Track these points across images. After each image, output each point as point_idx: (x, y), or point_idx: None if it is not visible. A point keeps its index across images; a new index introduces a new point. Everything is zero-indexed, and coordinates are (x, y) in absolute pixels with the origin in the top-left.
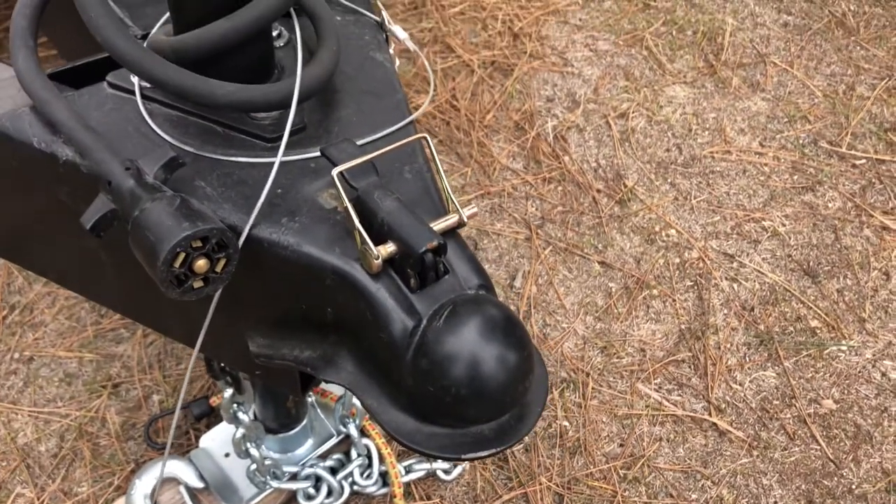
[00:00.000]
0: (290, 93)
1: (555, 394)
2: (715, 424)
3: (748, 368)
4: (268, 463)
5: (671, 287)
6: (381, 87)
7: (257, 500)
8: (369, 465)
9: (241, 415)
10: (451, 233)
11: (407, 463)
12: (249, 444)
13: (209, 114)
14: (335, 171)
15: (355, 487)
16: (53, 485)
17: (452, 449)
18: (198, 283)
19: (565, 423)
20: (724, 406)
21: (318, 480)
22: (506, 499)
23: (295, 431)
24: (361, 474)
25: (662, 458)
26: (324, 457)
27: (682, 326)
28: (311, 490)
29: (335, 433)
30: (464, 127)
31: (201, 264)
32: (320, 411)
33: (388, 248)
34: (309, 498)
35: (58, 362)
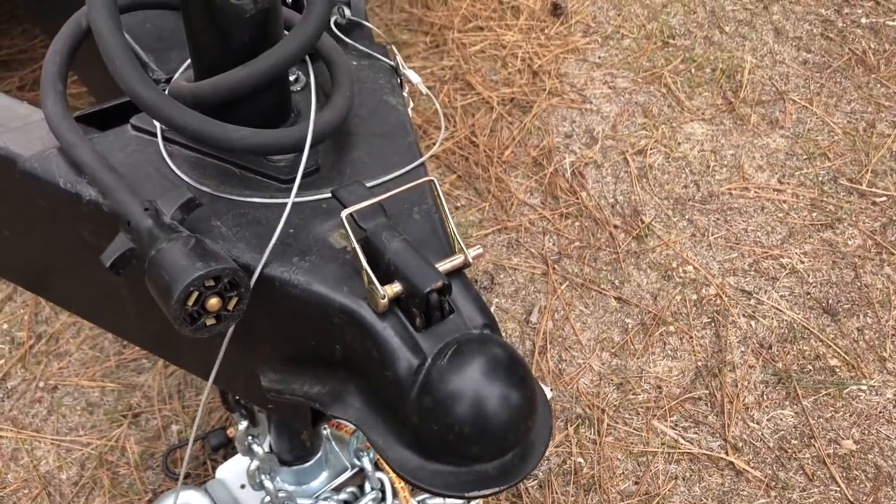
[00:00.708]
0: (303, 137)
1: (570, 430)
2: (732, 463)
3: (766, 407)
4: (282, 495)
5: (688, 324)
6: (394, 129)
7: None
8: (383, 498)
9: (255, 447)
10: (456, 273)
11: (420, 497)
12: (264, 477)
13: (226, 156)
14: (344, 213)
15: None
16: None
17: (457, 487)
18: (210, 321)
19: (580, 460)
20: (741, 445)
21: None
22: None
23: (310, 464)
24: None
25: (678, 498)
26: (338, 490)
27: (699, 363)
28: None
29: (349, 466)
30: (482, 163)
31: (214, 303)
32: (335, 444)
33: (395, 288)
34: None
35: (81, 391)
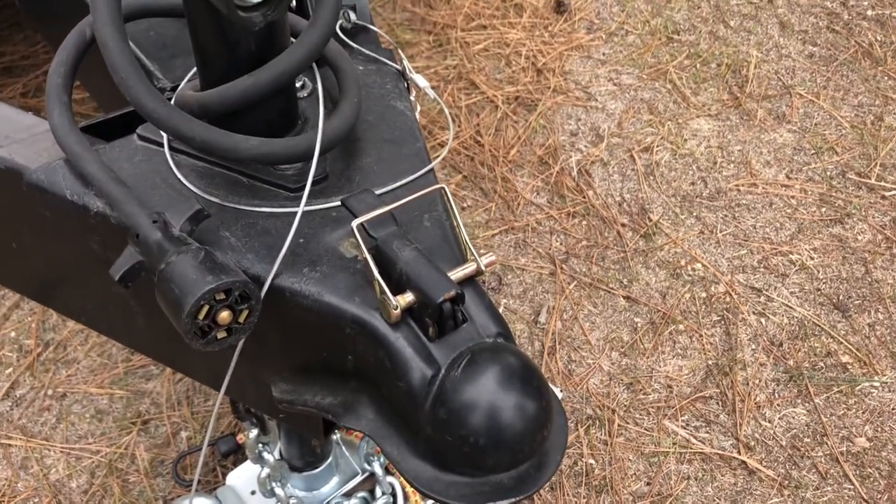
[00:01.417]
0: (311, 145)
1: (580, 431)
2: (744, 462)
3: (777, 405)
4: (293, 502)
5: (698, 322)
6: (402, 135)
7: None
8: (394, 502)
9: (266, 454)
10: (469, 281)
11: (432, 501)
12: (275, 484)
13: (234, 165)
14: (355, 223)
15: None
16: None
17: (471, 498)
18: (221, 334)
19: (591, 461)
20: (753, 444)
21: None
22: None
23: (320, 469)
24: None
25: (690, 498)
26: (349, 495)
27: (710, 362)
28: None
29: (360, 471)
30: (488, 162)
31: (224, 316)
32: (345, 449)
33: (407, 298)
34: None
35: (89, 399)
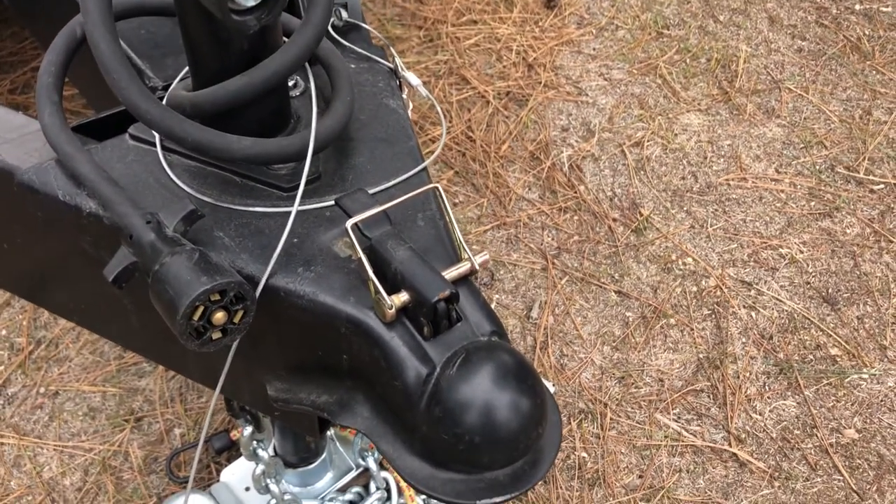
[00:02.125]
0: (304, 145)
1: (573, 425)
2: (735, 455)
3: (768, 398)
4: (287, 498)
5: (689, 316)
6: (395, 133)
7: None
8: (388, 498)
9: (260, 451)
10: (463, 280)
11: (425, 497)
12: (269, 480)
13: (227, 165)
14: (349, 223)
15: None
16: None
17: (467, 494)
18: (216, 335)
19: (584, 455)
20: (744, 436)
21: None
22: None
23: (314, 465)
24: None
25: (682, 490)
26: (343, 490)
27: (701, 356)
28: None
29: (354, 466)
30: (479, 158)
31: (219, 317)
32: (339, 445)
33: (402, 298)
34: None
35: (82, 396)
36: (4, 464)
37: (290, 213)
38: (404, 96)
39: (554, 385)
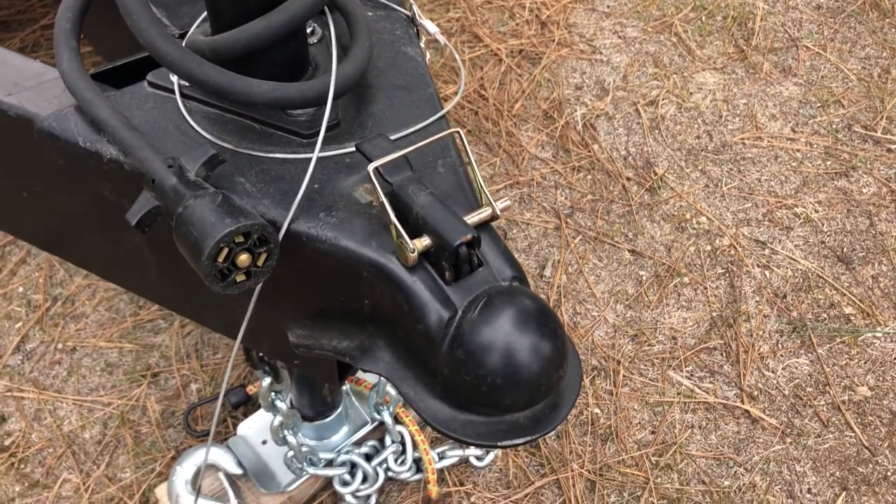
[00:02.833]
0: (325, 90)
1: (586, 381)
2: (747, 412)
3: (781, 356)
4: (304, 450)
5: (702, 275)
6: (413, 81)
7: (294, 486)
8: (403, 451)
9: (278, 403)
10: (484, 226)
11: (440, 450)
12: (287, 432)
13: (246, 111)
14: (371, 167)
15: (389, 473)
16: (98, 471)
17: (488, 436)
18: (240, 277)
19: (597, 411)
20: (756, 393)
21: (353, 467)
22: (538, 485)
23: (330, 419)
24: (395, 461)
25: (694, 446)
26: (359, 443)
27: (714, 314)
28: (347, 476)
29: (369, 420)
30: (492, 116)
31: (244, 259)
32: (355, 399)
33: (424, 242)
34: (345, 484)
35: (99, 352)
36: (25, 417)
37: (310, 159)
38: (421, 44)
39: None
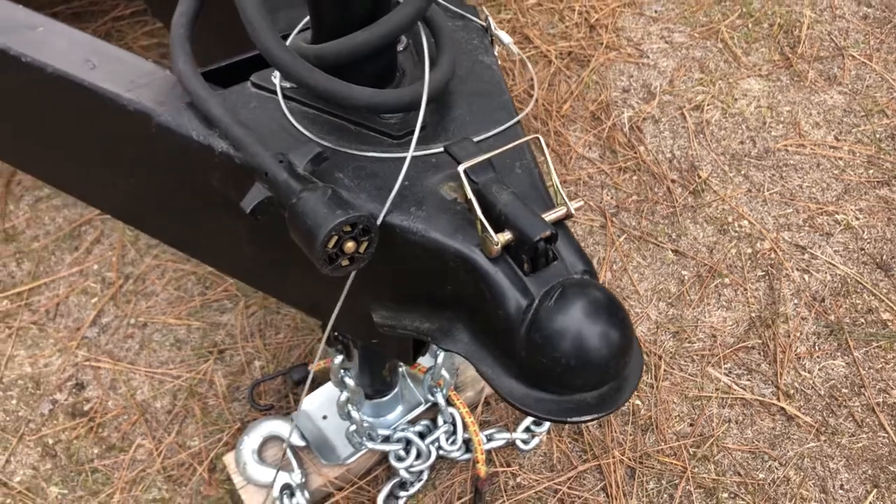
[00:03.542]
0: (417, 96)
1: None
2: (783, 409)
3: (817, 357)
4: (365, 425)
5: (743, 276)
6: (490, 88)
7: (353, 459)
8: (454, 431)
9: (347, 379)
10: (559, 223)
11: (488, 432)
12: (351, 407)
13: (343, 113)
14: (461, 168)
15: (441, 452)
16: (169, 438)
17: (558, 413)
18: (345, 262)
19: (637, 402)
20: (792, 392)
21: (408, 443)
22: (581, 469)
23: (388, 398)
24: (447, 440)
25: (731, 439)
26: (413, 422)
27: (753, 314)
28: (402, 452)
29: (423, 401)
30: (541, 116)
31: (350, 246)
32: (410, 381)
33: (506, 236)
34: (399, 459)
35: (168, 328)
36: (102, 386)
37: (402, 158)
38: (495, 53)
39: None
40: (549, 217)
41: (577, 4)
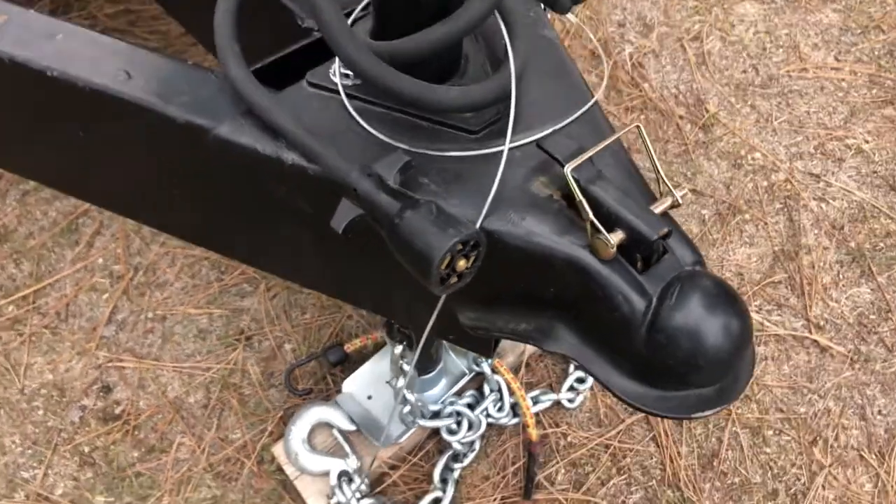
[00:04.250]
0: (502, 90)
1: None
2: (816, 341)
3: (843, 286)
4: (419, 405)
5: (762, 210)
6: (558, 67)
7: (405, 437)
8: (501, 398)
9: (405, 367)
10: (666, 214)
11: (533, 394)
12: (407, 392)
13: (415, 110)
14: (567, 170)
15: (490, 420)
16: (210, 433)
17: (680, 409)
18: (454, 280)
19: None
20: (822, 323)
21: (458, 416)
22: (629, 422)
23: (433, 374)
24: (495, 407)
25: (769, 376)
26: (459, 394)
27: (776, 248)
28: (454, 425)
29: (466, 371)
30: None
31: (462, 264)
32: (451, 353)
33: (619, 236)
34: (452, 432)
35: (189, 319)
36: (130, 386)
37: (485, 155)
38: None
39: None
40: (657, 209)
41: None
